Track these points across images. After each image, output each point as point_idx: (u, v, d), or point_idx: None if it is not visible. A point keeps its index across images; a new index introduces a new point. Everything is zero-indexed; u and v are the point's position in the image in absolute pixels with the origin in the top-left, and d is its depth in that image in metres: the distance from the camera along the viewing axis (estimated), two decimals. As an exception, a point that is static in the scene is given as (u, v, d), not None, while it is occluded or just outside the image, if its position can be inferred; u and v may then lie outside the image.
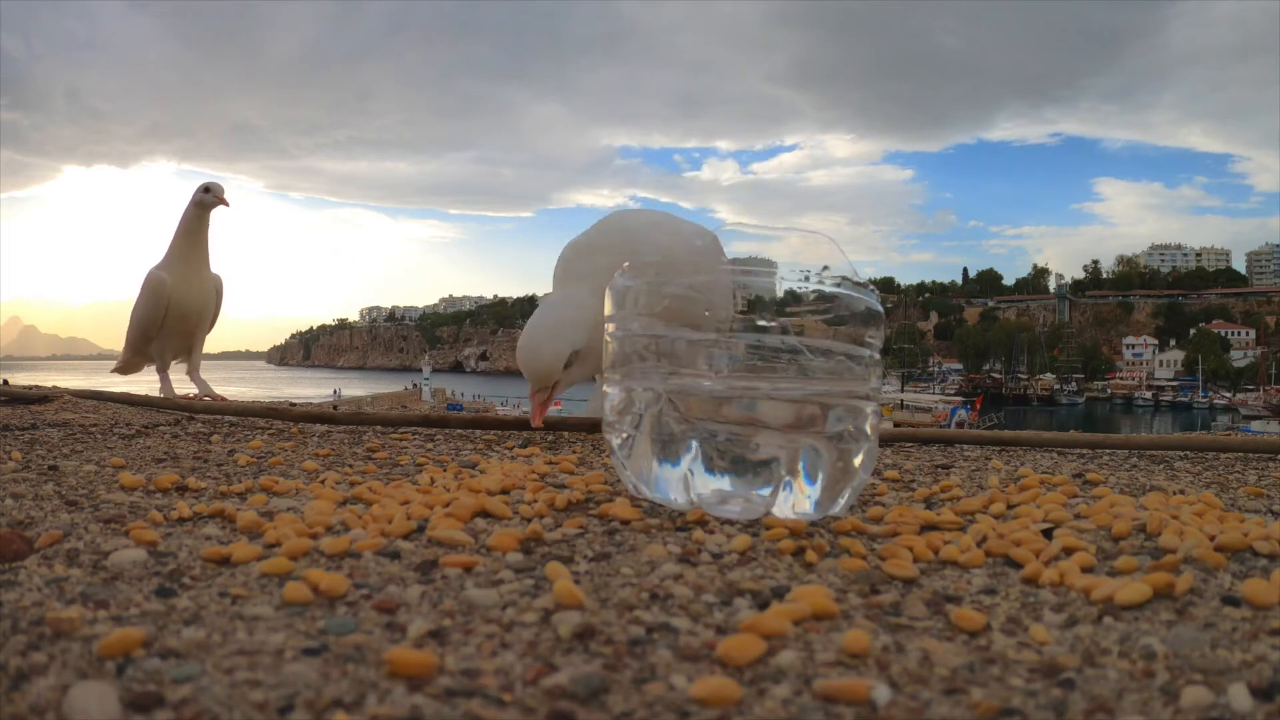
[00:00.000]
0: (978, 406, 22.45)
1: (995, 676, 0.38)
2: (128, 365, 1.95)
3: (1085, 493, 0.79)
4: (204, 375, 1.87)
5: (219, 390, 1.82)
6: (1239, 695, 0.35)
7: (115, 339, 1.98)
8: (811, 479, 0.64)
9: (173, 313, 1.82)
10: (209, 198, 1.87)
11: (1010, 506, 0.71)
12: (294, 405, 1.41)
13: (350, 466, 0.90)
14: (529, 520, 0.64)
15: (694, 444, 0.64)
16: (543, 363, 1.03)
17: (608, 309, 0.71)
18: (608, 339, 0.71)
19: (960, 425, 13.83)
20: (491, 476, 0.77)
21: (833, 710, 0.34)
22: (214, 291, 1.89)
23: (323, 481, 0.79)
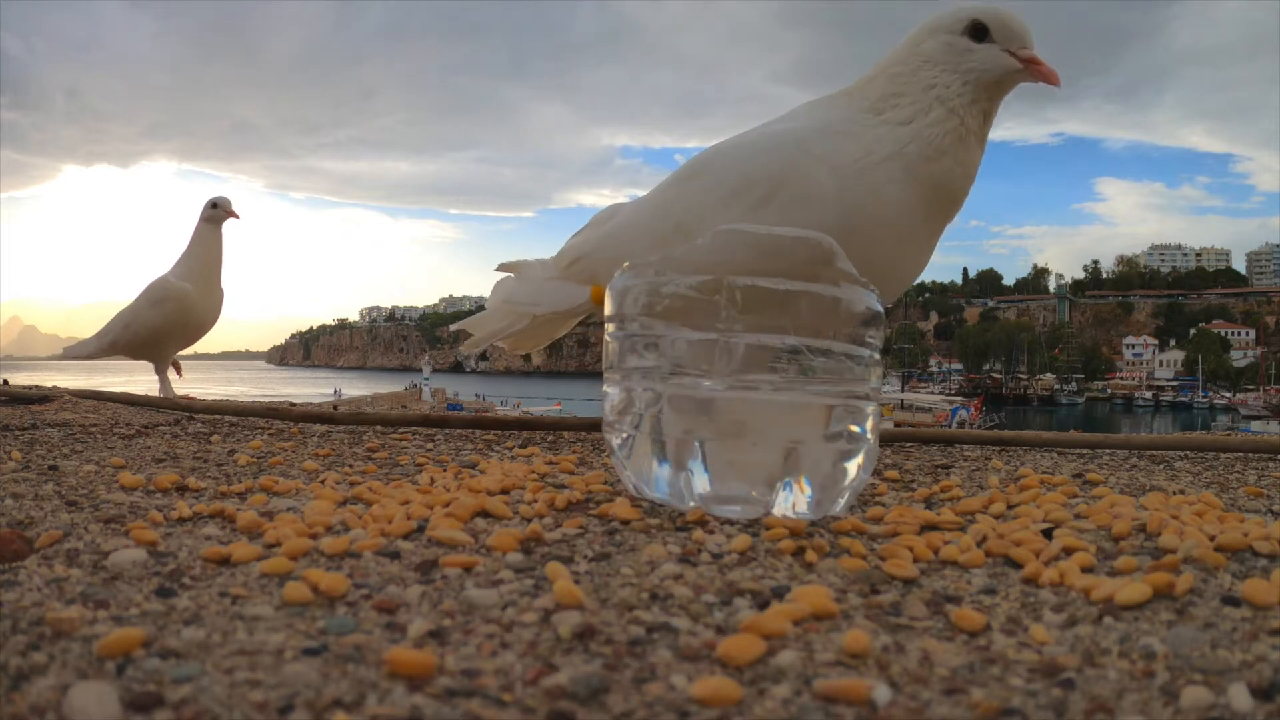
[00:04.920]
0: (978, 407, 22.42)
1: (995, 676, 0.38)
2: (96, 355, 1.97)
3: (1085, 493, 0.79)
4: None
5: (218, 390, 1.85)
6: (1239, 695, 0.35)
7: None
8: (811, 479, 0.64)
9: (191, 324, 1.87)
10: (218, 213, 1.90)
11: (1010, 506, 0.71)
12: (294, 405, 1.41)
13: (350, 466, 0.90)
14: (529, 520, 0.64)
15: (694, 444, 0.64)
16: None
17: (608, 309, 0.71)
18: (607, 339, 0.71)
19: (961, 425, 13.82)
20: (491, 476, 0.77)
21: (833, 710, 0.34)
22: (221, 303, 1.95)
23: (323, 481, 0.79)
